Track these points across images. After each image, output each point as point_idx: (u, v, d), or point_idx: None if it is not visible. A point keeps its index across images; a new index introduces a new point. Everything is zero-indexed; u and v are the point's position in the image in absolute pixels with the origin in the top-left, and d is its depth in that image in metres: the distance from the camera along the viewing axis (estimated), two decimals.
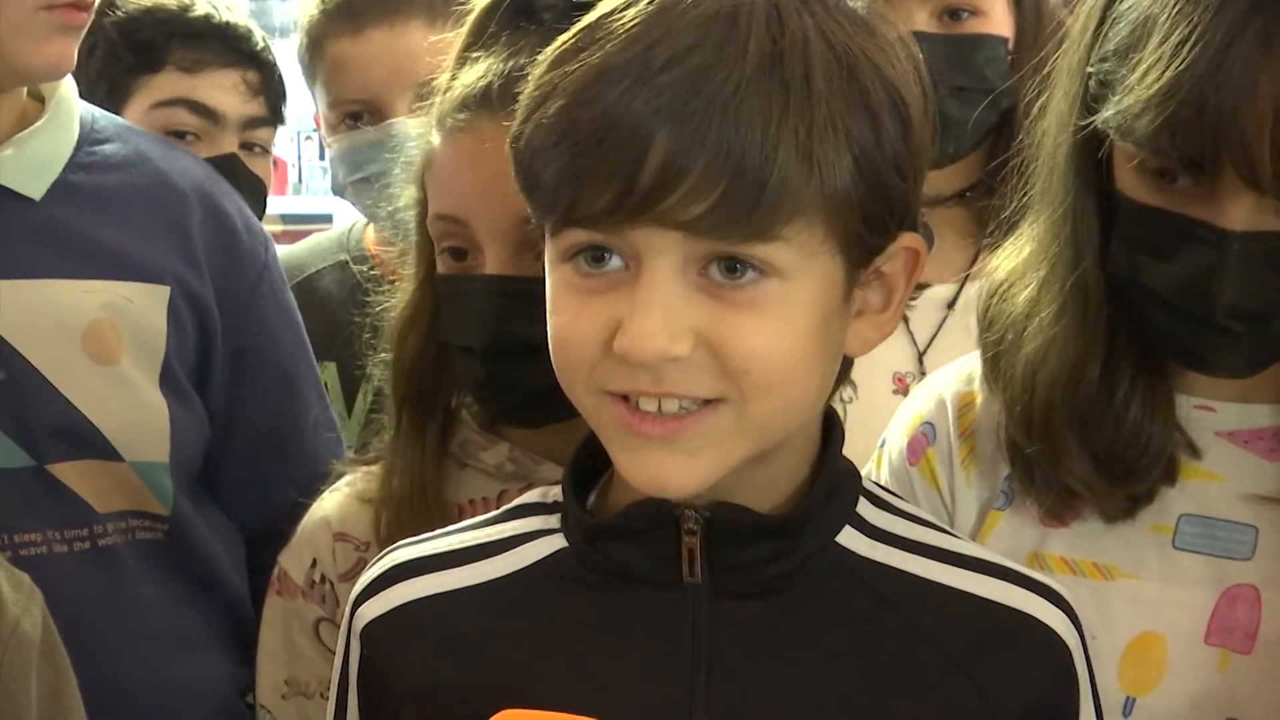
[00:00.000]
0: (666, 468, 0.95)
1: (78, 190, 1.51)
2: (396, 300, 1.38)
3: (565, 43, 0.96)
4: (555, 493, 1.07)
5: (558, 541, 1.05)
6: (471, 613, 1.04)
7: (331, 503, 1.40)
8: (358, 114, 1.94)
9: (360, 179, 1.90)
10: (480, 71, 1.28)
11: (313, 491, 1.43)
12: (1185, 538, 1.21)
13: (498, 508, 1.28)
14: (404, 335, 1.36)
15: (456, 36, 1.34)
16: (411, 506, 1.32)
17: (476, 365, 1.29)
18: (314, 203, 4.24)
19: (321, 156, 4.45)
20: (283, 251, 2.15)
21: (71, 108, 1.55)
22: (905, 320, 1.72)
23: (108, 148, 1.56)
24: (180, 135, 1.89)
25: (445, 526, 1.12)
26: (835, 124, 0.91)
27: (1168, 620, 1.20)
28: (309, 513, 1.41)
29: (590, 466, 1.04)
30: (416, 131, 1.36)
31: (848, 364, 1.04)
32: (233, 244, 1.58)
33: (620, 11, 0.94)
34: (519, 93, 1.23)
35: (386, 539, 1.31)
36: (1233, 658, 1.18)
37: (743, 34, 0.91)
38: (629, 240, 0.92)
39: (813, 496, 1.01)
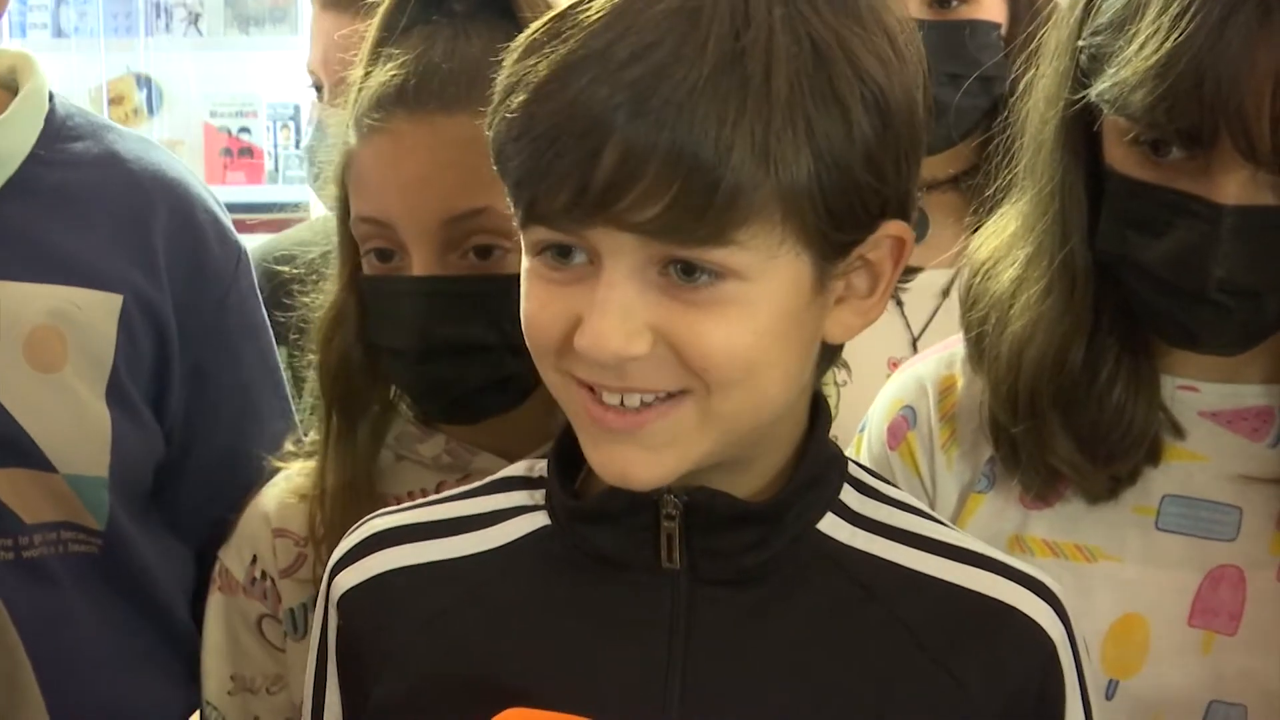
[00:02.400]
0: (629, 460, 0.94)
1: (35, 188, 1.45)
2: (320, 301, 1.36)
3: (534, 33, 0.94)
4: (541, 467, 1.06)
5: (540, 519, 1.04)
6: (450, 587, 1.03)
7: (270, 498, 1.38)
8: (319, 87, 1.94)
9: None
10: (393, 69, 1.26)
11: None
12: (1168, 519, 1.20)
13: None
14: (329, 336, 1.34)
15: (367, 30, 1.31)
16: (344, 502, 1.31)
17: (407, 368, 1.27)
18: (290, 191, 4.22)
19: (297, 145, 4.43)
20: (272, 238, 2.13)
21: (40, 101, 1.49)
22: (900, 305, 1.72)
23: (78, 146, 1.49)
24: None
25: None
26: (796, 123, 0.89)
27: (1151, 602, 1.19)
28: (248, 509, 1.39)
29: (576, 446, 1.02)
30: (334, 129, 1.33)
31: (837, 349, 1.02)
32: (200, 256, 1.51)
33: (588, 3, 0.92)
34: (435, 88, 1.22)
35: (323, 536, 1.31)
36: (1217, 639, 1.18)
37: (704, 30, 0.89)
38: (588, 239, 0.91)
39: (794, 483, 1.00)
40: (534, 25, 0.95)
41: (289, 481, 1.38)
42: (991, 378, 1.23)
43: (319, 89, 1.96)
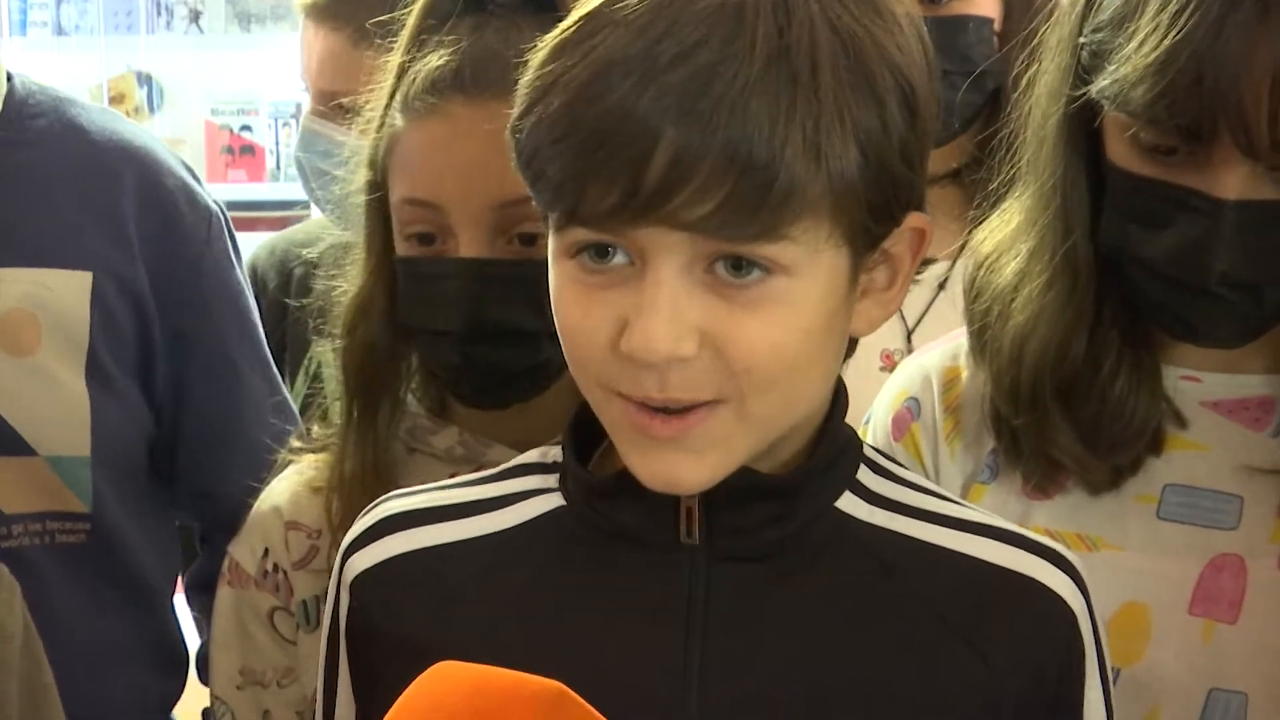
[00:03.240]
0: (676, 465, 0.95)
1: None
2: (346, 286, 1.36)
3: (566, 31, 0.94)
4: (555, 453, 1.06)
5: (555, 500, 1.04)
6: (463, 567, 1.03)
7: (281, 491, 1.39)
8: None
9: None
10: (446, 54, 1.26)
11: (261, 481, 1.41)
12: (1170, 508, 1.21)
13: None
14: (356, 322, 1.34)
15: (407, 14, 1.31)
16: (364, 490, 1.30)
17: (452, 349, 1.28)
18: (292, 189, 4.23)
19: None
20: (287, 232, 2.14)
21: None
22: None
23: (40, 122, 1.49)
24: None
25: None
26: (842, 116, 0.90)
27: (1152, 590, 1.20)
28: (258, 502, 1.39)
29: (591, 428, 1.03)
30: (369, 113, 1.33)
31: (852, 342, 1.03)
32: (170, 222, 1.51)
33: (620, 1, 0.92)
34: (495, 74, 1.22)
35: (340, 526, 1.30)
36: (1217, 628, 1.19)
37: (750, 27, 0.89)
38: (634, 239, 0.91)
39: (814, 461, 1.01)
40: (562, 25, 0.94)
41: (300, 474, 1.38)
42: (994, 370, 1.24)
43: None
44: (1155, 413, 1.20)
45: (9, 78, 1.50)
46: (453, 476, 1.31)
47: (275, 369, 1.63)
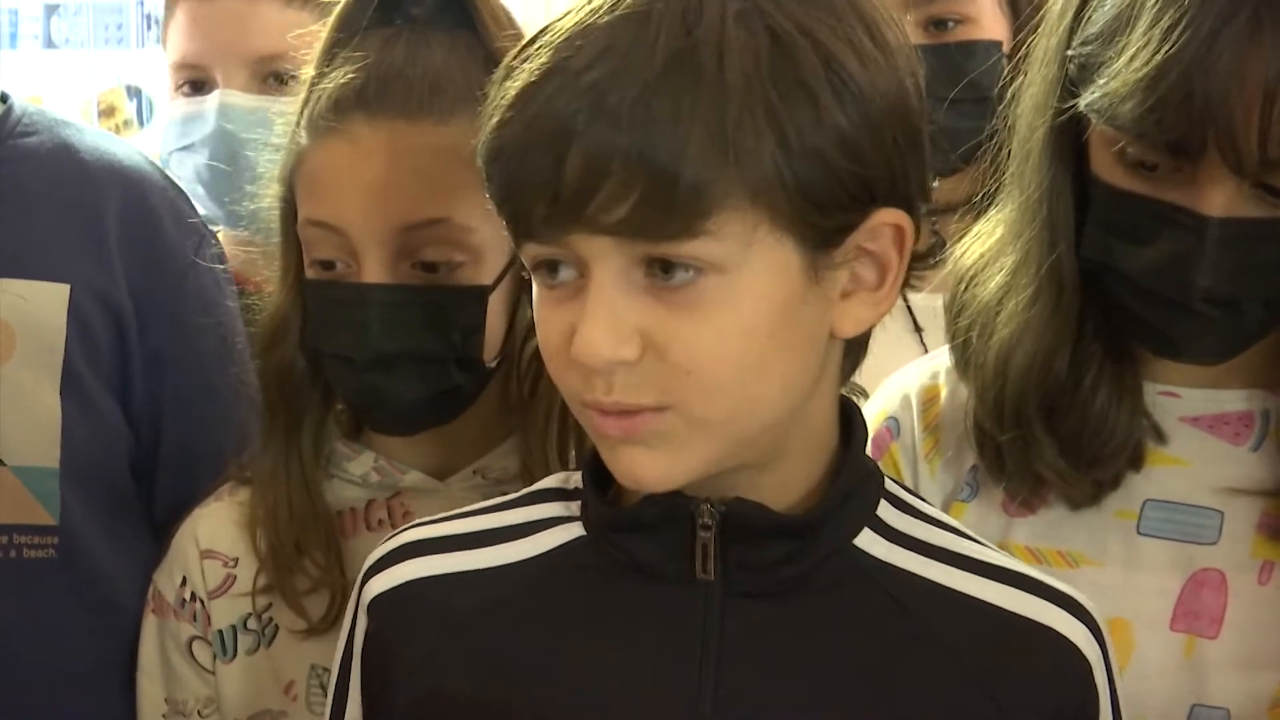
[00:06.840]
0: (636, 460, 0.95)
1: None
2: (266, 305, 1.34)
3: (511, 59, 0.96)
4: (576, 478, 1.06)
5: (575, 530, 1.04)
6: (479, 595, 1.03)
7: (200, 518, 1.38)
8: (198, 82, 1.83)
9: (183, 147, 1.83)
10: (351, 71, 1.24)
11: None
12: (1150, 523, 1.21)
13: (365, 519, 1.32)
14: (273, 343, 1.32)
15: (322, 27, 1.29)
16: (292, 518, 1.30)
17: (354, 375, 1.25)
18: None
19: None
20: None
21: None
22: (919, 332, 1.68)
23: (30, 140, 1.49)
24: None
25: (327, 537, 1.11)
26: (754, 110, 0.89)
27: (1133, 606, 1.20)
28: (180, 530, 1.38)
29: None
30: (281, 127, 1.31)
31: (861, 349, 1.02)
32: (154, 240, 1.49)
33: (557, 22, 0.94)
34: (398, 94, 1.22)
35: (269, 554, 1.31)
36: (1199, 643, 1.19)
37: (654, 30, 0.90)
38: (573, 249, 0.92)
39: (831, 498, 1.00)
40: (512, 51, 0.96)
41: (220, 500, 1.37)
42: (978, 386, 1.24)
43: (198, 85, 1.83)
44: (1136, 428, 1.20)
45: (4, 98, 1.50)
46: (369, 503, 1.33)
47: None
